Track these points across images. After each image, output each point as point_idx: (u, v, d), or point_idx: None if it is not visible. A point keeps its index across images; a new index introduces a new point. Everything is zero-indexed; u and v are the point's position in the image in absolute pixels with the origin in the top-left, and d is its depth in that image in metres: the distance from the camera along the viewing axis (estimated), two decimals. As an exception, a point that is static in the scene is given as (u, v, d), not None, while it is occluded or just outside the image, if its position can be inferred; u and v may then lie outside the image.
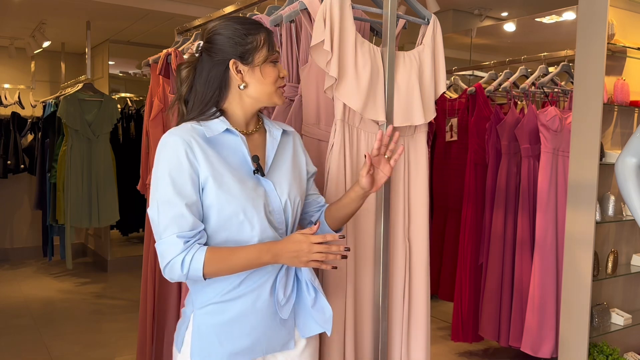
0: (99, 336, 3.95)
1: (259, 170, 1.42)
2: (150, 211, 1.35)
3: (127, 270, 5.77)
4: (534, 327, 3.17)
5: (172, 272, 1.33)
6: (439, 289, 4.03)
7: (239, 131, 1.46)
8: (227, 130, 1.42)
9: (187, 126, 1.40)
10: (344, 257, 1.37)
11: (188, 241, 1.32)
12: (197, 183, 1.35)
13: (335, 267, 1.39)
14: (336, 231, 1.63)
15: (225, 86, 1.45)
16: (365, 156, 1.55)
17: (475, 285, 3.57)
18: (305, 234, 1.36)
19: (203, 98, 1.45)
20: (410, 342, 2.00)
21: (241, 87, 1.44)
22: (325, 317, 1.49)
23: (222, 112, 1.46)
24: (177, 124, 1.45)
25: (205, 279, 1.35)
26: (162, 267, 1.34)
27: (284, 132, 1.57)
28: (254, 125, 1.52)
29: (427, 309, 2.01)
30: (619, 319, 2.99)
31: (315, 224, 1.40)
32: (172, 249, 1.31)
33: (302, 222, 1.64)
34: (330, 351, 1.80)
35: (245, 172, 1.42)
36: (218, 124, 1.42)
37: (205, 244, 1.36)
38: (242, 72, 1.44)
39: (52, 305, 4.68)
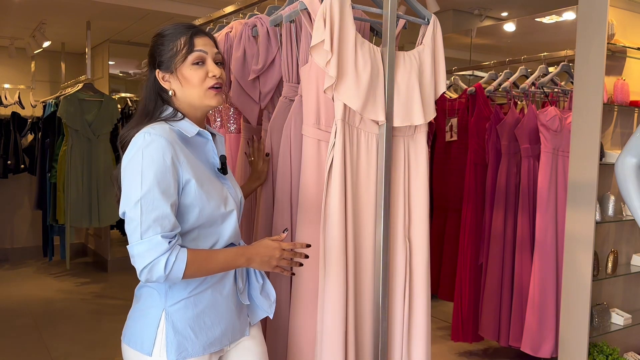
0: (99, 336, 3.95)
1: (223, 169, 1.50)
2: (131, 210, 1.32)
3: (127, 270, 5.71)
4: (533, 327, 3.17)
5: (151, 272, 1.31)
6: (439, 289, 4.02)
7: None
8: (199, 133, 1.48)
9: (165, 127, 1.40)
10: (301, 264, 1.56)
11: (171, 241, 1.33)
12: (177, 184, 1.37)
13: (294, 274, 1.56)
14: None
15: (164, 94, 1.49)
16: (267, 154, 1.99)
17: (475, 285, 3.57)
18: (276, 240, 1.49)
19: (148, 107, 1.48)
20: (411, 342, 2.00)
21: (169, 93, 1.48)
22: (270, 301, 1.62)
23: (183, 115, 1.49)
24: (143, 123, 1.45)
25: (183, 278, 1.36)
26: (139, 267, 1.31)
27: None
28: (203, 127, 1.56)
29: (428, 309, 2.01)
30: (619, 318, 2.99)
31: (284, 232, 1.54)
32: (157, 249, 1.30)
33: None
34: (331, 351, 1.80)
35: (212, 171, 1.49)
36: (189, 126, 1.46)
37: (182, 245, 1.38)
38: (168, 80, 1.48)
39: (52, 305, 4.68)
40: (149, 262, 1.30)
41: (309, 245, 1.55)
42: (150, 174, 1.32)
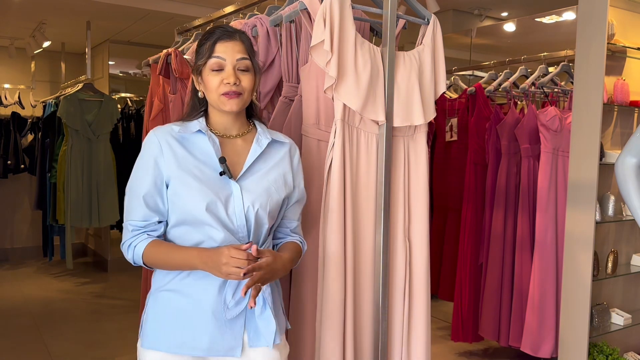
0: (99, 336, 3.95)
1: (226, 172, 1.46)
2: (125, 196, 1.51)
3: (127, 270, 5.74)
4: (533, 327, 3.17)
5: (124, 253, 1.49)
6: (439, 289, 4.02)
7: (218, 134, 1.53)
8: (199, 130, 1.49)
9: (168, 126, 1.51)
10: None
11: (137, 230, 1.46)
12: (158, 180, 1.45)
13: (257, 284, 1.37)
14: None
15: (196, 96, 1.56)
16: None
17: (475, 285, 3.57)
18: (230, 247, 1.37)
19: (186, 108, 1.59)
20: (411, 342, 2.00)
21: (199, 95, 1.54)
22: (268, 330, 1.49)
23: (206, 115, 1.55)
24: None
25: (148, 267, 1.48)
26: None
27: (276, 142, 1.58)
28: (238, 130, 1.56)
29: (428, 309, 2.01)
30: (618, 318, 2.99)
31: (246, 243, 1.42)
32: (125, 234, 1.48)
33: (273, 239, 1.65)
34: (330, 351, 1.80)
35: (214, 172, 1.47)
36: (194, 125, 1.51)
37: (158, 236, 1.47)
38: (199, 82, 1.53)
39: (52, 305, 4.68)
40: (122, 243, 1.49)
41: (258, 259, 1.38)
42: (136, 168, 1.48)
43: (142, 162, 1.47)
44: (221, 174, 1.45)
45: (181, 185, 1.43)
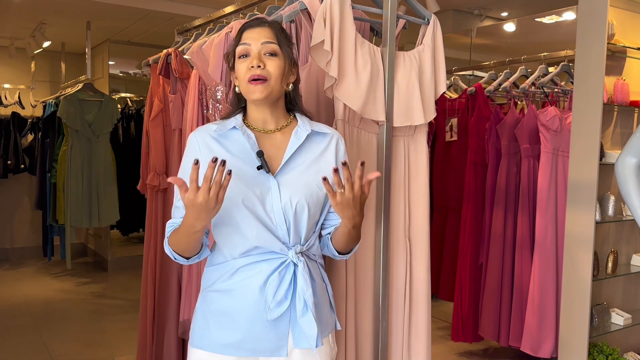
0: (99, 336, 3.95)
1: (264, 166, 1.40)
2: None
3: (127, 270, 5.77)
4: (533, 327, 3.17)
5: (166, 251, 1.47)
6: (439, 289, 4.02)
7: (256, 129, 1.50)
8: (234, 127, 1.48)
9: (208, 126, 1.49)
10: (230, 172, 1.25)
11: (171, 226, 1.45)
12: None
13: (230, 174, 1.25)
14: (340, 253, 1.53)
15: (234, 92, 1.54)
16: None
17: (475, 285, 3.57)
18: (183, 193, 1.24)
19: (230, 103, 1.58)
20: (411, 342, 2.00)
21: (237, 90, 1.51)
22: (310, 333, 1.42)
23: (245, 111, 1.54)
24: None
25: (181, 256, 1.43)
26: None
27: (317, 133, 1.52)
28: (277, 124, 1.51)
29: (428, 309, 2.01)
30: (618, 319, 2.99)
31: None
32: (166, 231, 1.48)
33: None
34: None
35: (251, 168, 1.42)
36: (231, 122, 1.49)
37: None
38: (234, 77, 1.51)
39: (52, 305, 4.68)
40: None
41: (224, 162, 1.23)
42: (179, 169, 1.48)
43: (183, 164, 1.47)
44: (259, 168, 1.40)
45: None
